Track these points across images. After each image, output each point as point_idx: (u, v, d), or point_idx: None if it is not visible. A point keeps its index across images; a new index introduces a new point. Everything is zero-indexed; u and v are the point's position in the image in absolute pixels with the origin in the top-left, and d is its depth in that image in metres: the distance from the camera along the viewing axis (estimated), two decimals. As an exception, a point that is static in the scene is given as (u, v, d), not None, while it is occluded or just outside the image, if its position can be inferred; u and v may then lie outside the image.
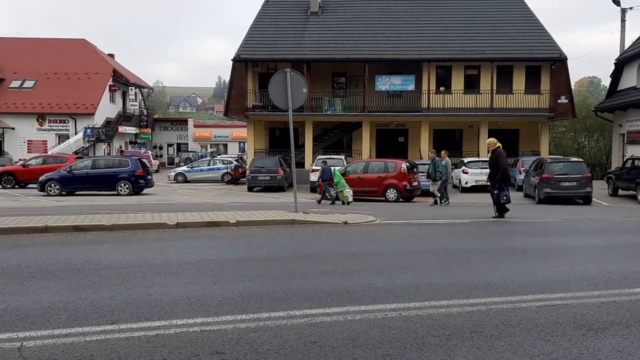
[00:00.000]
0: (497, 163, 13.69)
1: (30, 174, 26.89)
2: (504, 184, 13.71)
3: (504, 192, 13.60)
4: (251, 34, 33.39)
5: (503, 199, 13.59)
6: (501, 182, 13.65)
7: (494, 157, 13.82)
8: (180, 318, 5.19)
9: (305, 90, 13.58)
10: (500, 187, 13.62)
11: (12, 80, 45.53)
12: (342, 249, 9.28)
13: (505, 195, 13.60)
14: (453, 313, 5.41)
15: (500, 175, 13.64)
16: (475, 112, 31.18)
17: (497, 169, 13.66)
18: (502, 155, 13.85)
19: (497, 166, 13.67)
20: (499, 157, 13.76)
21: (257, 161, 28.31)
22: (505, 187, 13.71)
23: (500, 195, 13.58)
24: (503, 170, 13.70)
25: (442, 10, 34.86)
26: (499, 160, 13.71)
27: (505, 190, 13.67)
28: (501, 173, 13.65)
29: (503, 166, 13.72)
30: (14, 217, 12.42)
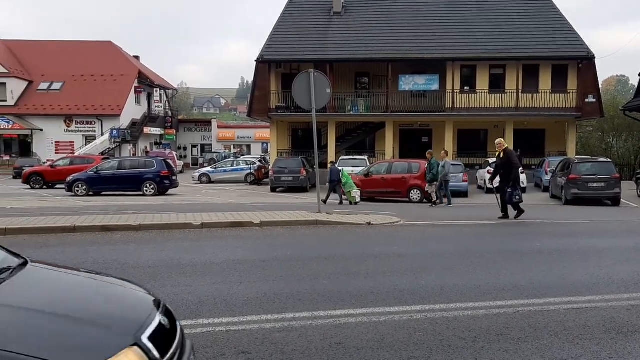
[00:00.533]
0: (510, 162, 13.54)
1: (58, 174, 27.35)
2: (517, 183, 13.55)
3: (517, 192, 13.41)
4: (274, 35, 33.52)
5: (516, 198, 13.38)
6: (515, 181, 13.48)
7: (506, 157, 13.66)
8: (206, 317, 5.24)
9: (329, 90, 13.56)
10: (514, 186, 13.44)
11: (40, 83, 46.43)
12: (366, 250, 9.25)
13: (518, 195, 13.41)
14: (479, 315, 5.35)
15: (515, 175, 13.50)
16: (500, 112, 30.81)
17: (511, 168, 13.52)
18: (514, 155, 13.89)
19: (511, 165, 13.53)
20: (512, 157, 13.69)
21: (280, 162, 28.39)
22: (518, 186, 13.57)
23: (513, 194, 13.38)
24: (517, 169, 13.63)
25: (467, 9, 34.54)
26: (513, 160, 13.61)
27: (518, 189, 13.49)
28: (514, 173, 13.51)
29: (517, 166, 13.67)
30: (43, 217, 12.66)
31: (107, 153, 41.18)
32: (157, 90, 52.73)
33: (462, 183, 23.96)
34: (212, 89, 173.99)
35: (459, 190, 23.77)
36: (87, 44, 50.60)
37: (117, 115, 44.49)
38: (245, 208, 16.34)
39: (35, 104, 44.82)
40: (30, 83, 46.33)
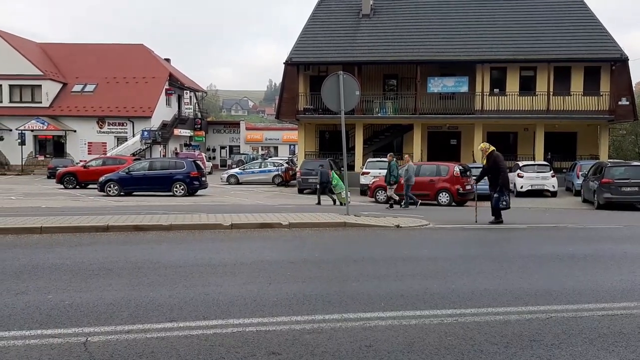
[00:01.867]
0: (497, 167, 13.19)
1: (90, 174, 27.92)
2: (505, 188, 13.23)
3: (504, 197, 13.08)
4: (303, 37, 33.66)
5: (502, 204, 13.09)
6: (503, 186, 13.17)
7: (492, 161, 13.29)
8: (236, 318, 5.28)
9: (358, 92, 13.58)
10: (501, 191, 13.14)
11: (74, 85, 47.49)
12: (395, 252, 9.22)
13: (505, 201, 13.08)
14: (511, 320, 5.29)
15: (502, 179, 13.17)
16: (530, 115, 30.40)
17: (498, 172, 13.19)
18: (500, 159, 13.41)
19: (498, 170, 13.18)
20: (498, 161, 13.27)
21: (308, 164, 28.45)
22: (506, 191, 13.21)
23: (500, 199, 13.09)
24: (504, 173, 13.25)
25: (497, 11, 34.17)
26: (500, 164, 13.22)
27: (505, 195, 13.15)
28: (502, 177, 13.16)
29: (504, 170, 13.26)
30: (77, 216, 12.95)
31: (138, 154, 41.87)
32: (187, 92, 53.42)
33: (491, 186, 23.67)
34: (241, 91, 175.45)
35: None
36: (119, 47, 51.55)
37: (148, 117, 45.22)
38: (273, 209, 16.46)
39: (69, 106, 45.84)
40: (65, 85, 47.40)
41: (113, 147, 44.72)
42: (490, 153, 13.36)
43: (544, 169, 25.83)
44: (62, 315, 5.30)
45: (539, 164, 26.84)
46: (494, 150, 13.48)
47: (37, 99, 45.66)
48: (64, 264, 7.82)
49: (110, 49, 50.82)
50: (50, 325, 5.02)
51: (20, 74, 44.86)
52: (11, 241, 9.87)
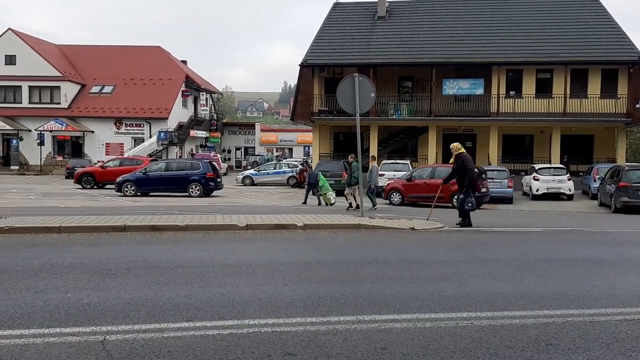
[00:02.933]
0: (464, 168, 13.06)
1: (108, 175, 28.23)
2: (471, 189, 13.09)
3: (470, 199, 12.95)
4: (318, 39, 33.72)
5: (468, 205, 12.96)
6: (469, 187, 13.04)
7: (461, 162, 13.16)
8: (252, 318, 5.31)
9: (373, 94, 13.59)
10: (467, 192, 13.01)
11: (92, 86, 48.06)
12: (410, 255, 9.21)
13: (471, 202, 12.96)
14: (527, 324, 5.27)
15: (469, 180, 13.03)
16: (547, 117, 30.15)
17: (465, 173, 13.07)
18: (468, 160, 13.23)
19: (465, 171, 13.06)
20: (466, 162, 13.11)
21: (322, 165, 28.48)
22: (472, 193, 13.08)
23: (465, 200, 12.98)
24: (471, 175, 13.08)
25: (513, 13, 33.97)
26: (467, 166, 13.06)
27: (471, 196, 13.02)
28: (469, 178, 13.03)
29: (471, 171, 13.07)
30: (94, 216, 13.10)
31: (154, 155, 42.22)
32: (203, 93, 53.79)
33: (507, 189, 23.57)
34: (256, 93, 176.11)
35: (504, 196, 23.41)
36: (137, 49, 52.08)
37: (165, 118, 45.59)
38: (287, 210, 16.52)
39: (87, 107, 46.39)
40: (83, 86, 47.97)
41: (130, 147, 45.16)
42: (459, 154, 13.27)
43: (560, 172, 25.61)
44: (81, 314, 5.38)
45: (555, 167, 26.62)
46: (463, 151, 13.37)
47: (56, 100, 46.26)
48: (82, 263, 7.93)
49: (128, 51, 51.34)
50: (69, 323, 5.09)
51: (39, 76, 45.49)
52: (30, 240, 10.03)
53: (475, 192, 13.26)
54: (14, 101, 45.97)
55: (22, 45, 45.74)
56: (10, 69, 43.07)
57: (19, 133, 45.23)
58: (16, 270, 7.40)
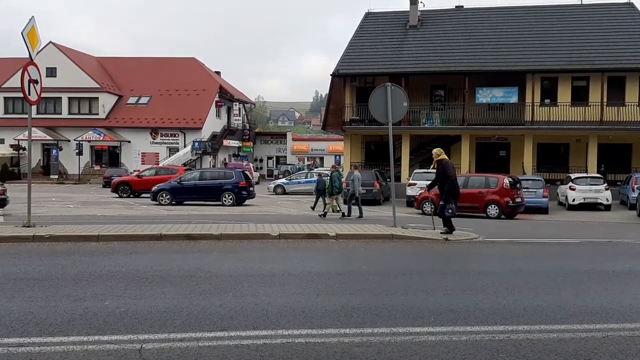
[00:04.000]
0: (444, 174, 12.81)
1: (144, 184, 28.76)
2: (451, 196, 12.79)
3: (450, 205, 12.68)
4: (350, 49, 33.81)
5: (448, 212, 12.68)
6: (449, 194, 12.76)
7: (441, 168, 12.91)
8: (285, 328, 5.32)
9: (406, 104, 13.57)
10: (446, 198, 12.74)
11: (129, 97, 49.14)
12: (444, 266, 9.12)
13: (451, 209, 12.68)
14: (565, 338, 5.16)
15: (449, 187, 12.76)
16: (583, 126, 29.51)
17: (445, 180, 12.81)
18: (449, 166, 12.96)
19: (445, 177, 12.80)
20: (447, 168, 12.85)
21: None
22: (452, 199, 12.78)
23: (445, 207, 12.70)
24: (451, 181, 12.79)
25: (547, 20, 33.46)
26: (447, 172, 12.80)
27: (452, 202, 12.73)
28: (449, 184, 12.75)
29: (451, 177, 12.81)
30: (131, 225, 13.37)
31: (189, 164, 42.85)
32: (236, 104, 54.43)
33: (543, 199, 23.13)
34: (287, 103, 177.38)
35: (539, 206, 22.99)
36: (172, 60, 53.11)
37: (199, 128, 46.27)
38: (319, 220, 16.53)
39: (124, 117, 47.43)
40: (120, 97, 49.10)
41: (165, 157, 45.92)
42: (439, 160, 13.04)
43: (597, 182, 25.01)
44: (118, 322, 5.48)
45: (592, 176, 26.01)
46: (444, 157, 13.13)
47: (94, 110, 47.45)
48: (119, 271, 8.09)
49: (164, 62, 52.37)
50: (107, 331, 5.19)
51: (78, 87, 46.75)
52: (70, 248, 10.28)
53: (456, 198, 12.97)
54: (54, 112, 47.31)
55: (62, 57, 47.10)
56: (51, 81, 44.23)
57: (59, 143, 46.49)
58: (56, 278, 7.59)
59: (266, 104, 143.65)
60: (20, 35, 12.40)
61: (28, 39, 12.37)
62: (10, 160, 47.29)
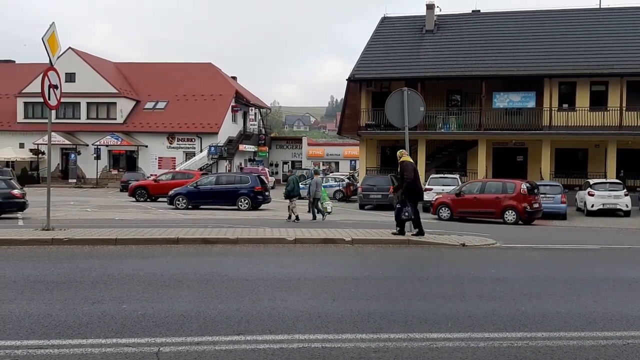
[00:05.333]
0: (402, 176, 12.62)
1: (160, 188, 28.97)
2: (408, 199, 12.55)
3: (407, 208, 12.43)
4: (366, 53, 33.81)
5: (405, 215, 12.45)
6: (405, 196, 12.55)
7: (401, 170, 12.70)
8: (302, 333, 5.32)
9: (423, 108, 13.51)
10: (403, 201, 12.53)
11: (146, 102, 49.60)
12: (461, 272, 9.04)
13: (407, 212, 12.42)
14: (585, 346, 5.08)
15: (404, 189, 12.55)
16: (602, 131, 29.16)
17: (402, 182, 12.62)
18: (408, 168, 12.66)
19: (402, 179, 12.60)
20: (406, 170, 12.58)
21: (369, 179, 28.39)
22: (409, 202, 12.52)
23: (402, 210, 12.48)
24: (407, 183, 12.50)
25: (565, 24, 33.18)
26: (404, 174, 12.56)
27: (409, 206, 12.47)
28: (405, 187, 12.51)
29: (408, 179, 12.50)
30: (149, 228, 13.47)
31: (205, 169, 43.09)
32: (252, 109, 54.69)
33: (561, 205, 22.88)
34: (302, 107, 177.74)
35: (557, 212, 22.75)
36: (189, 66, 53.54)
37: (215, 133, 46.56)
38: (335, 225, 16.50)
39: (141, 122, 47.87)
40: (138, 102, 49.58)
41: (182, 161, 46.23)
42: (401, 162, 12.84)
43: (617, 187, 24.68)
44: (136, 325, 5.51)
45: (611, 181, 25.67)
46: (406, 159, 12.88)
47: (112, 115, 47.97)
48: (137, 274, 8.15)
49: (181, 68, 52.81)
50: (125, 334, 5.22)
51: (97, 92, 47.31)
52: (88, 252, 10.38)
53: (413, 201, 12.73)
54: (72, 117, 47.88)
55: (81, 63, 47.72)
56: (70, 86, 44.79)
57: (77, 147, 47.04)
58: (75, 281, 7.67)
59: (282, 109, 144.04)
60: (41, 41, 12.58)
61: (48, 44, 12.54)
62: (30, 165, 47.97)
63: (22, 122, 48.29)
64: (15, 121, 48.50)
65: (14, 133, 47.91)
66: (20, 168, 45.75)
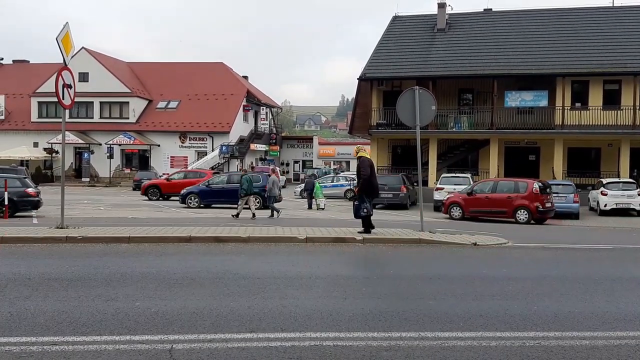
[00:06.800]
0: (358, 173, 12.53)
1: (173, 187, 29.16)
2: (365, 195, 12.46)
3: (365, 204, 12.35)
4: (377, 52, 33.77)
5: (363, 211, 12.37)
6: (362, 193, 12.44)
7: (358, 167, 12.59)
8: (313, 331, 5.34)
9: (434, 107, 13.48)
10: (361, 198, 12.43)
11: (158, 102, 49.92)
12: (473, 271, 9.02)
13: (366, 208, 12.35)
14: (598, 346, 5.06)
15: (360, 186, 12.45)
16: (615, 130, 28.91)
17: (359, 179, 12.54)
18: (364, 164, 12.54)
19: (359, 176, 12.52)
20: (362, 166, 12.48)
21: (380, 178, 28.16)
22: (367, 198, 12.44)
23: (360, 207, 12.39)
24: (364, 180, 12.40)
25: (578, 22, 32.93)
26: (361, 170, 12.47)
27: (367, 202, 12.40)
28: (362, 183, 12.42)
29: (364, 175, 12.40)
30: (161, 227, 13.58)
31: (216, 168, 43.27)
32: (263, 108, 54.83)
33: (573, 204, 22.73)
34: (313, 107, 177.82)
35: (569, 211, 22.61)
36: (201, 65, 53.79)
37: (227, 132, 46.74)
38: (346, 224, 16.48)
39: (154, 121, 48.18)
40: (150, 102, 49.89)
41: (194, 160, 46.46)
42: (358, 157, 12.74)
43: (630, 187, 24.47)
44: (149, 322, 5.57)
45: (624, 181, 25.45)
46: (363, 155, 12.79)
47: (125, 115, 48.31)
48: (150, 272, 8.22)
49: (193, 67, 53.07)
50: (138, 331, 5.27)
51: (110, 92, 47.66)
52: (102, 250, 10.48)
53: (370, 197, 12.68)
54: (86, 116, 48.28)
55: (94, 63, 48.09)
56: (84, 85, 45.18)
57: (90, 146, 47.43)
58: (89, 278, 7.74)
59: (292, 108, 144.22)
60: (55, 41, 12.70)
61: (62, 44, 12.65)
62: (44, 164, 48.45)
63: (36, 121, 48.78)
64: (30, 120, 49.00)
65: (28, 132, 48.41)
66: (34, 167, 46.23)
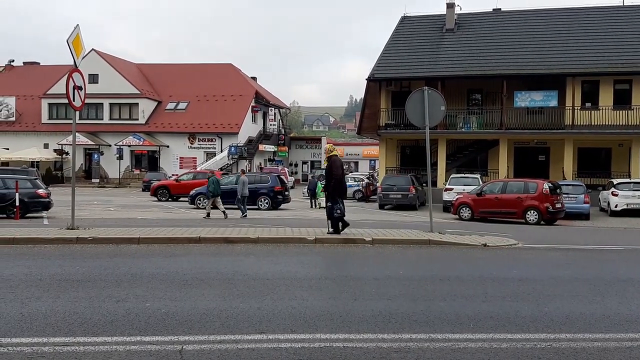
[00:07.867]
0: (329, 172, 12.37)
1: (182, 188, 29.25)
2: (337, 195, 12.34)
3: (337, 205, 12.24)
4: (385, 53, 33.71)
5: (337, 212, 12.25)
6: (334, 193, 12.31)
7: (328, 166, 12.44)
8: (323, 332, 5.33)
9: (443, 108, 13.45)
10: (333, 199, 12.30)
11: (168, 103, 50.08)
12: (483, 272, 8.98)
13: (339, 209, 12.23)
14: (609, 347, 5.03)
15: (332, 186, 12.31)
16: (626, 130, 28.69)
17: (330, 179, 12.38)
18: (336, 164, 12.42)
19: (330, 176, 12.36)
20: (333, 167, 12.34)
21: (389, 179, 28.29)
22: (339, 199, 12.33)
23: (333, 208, 12.27)
24: (336, 180, 12.28)
25: (588, 22, 32.69)
26: (332, 170, 12.32)
27: (339, 202, 12.29)
28: (334, 183, 12.28)
29: (337, 176, 12.29)
30: (171, 228, 13.62)
31: (225, 168, 43.35)
32: (272, 109, 54.89)
33: (583, 205, 22.58)
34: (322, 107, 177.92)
35: (580, 212, 22.47)
36: (210, 67, 53.91)
37: (235, 133, 46.83)
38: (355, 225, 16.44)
39: (163, 122, 48.36)
40: (159, 103, 50.08)
41: (202, 161, 46.57)
42: (329, 157, 12.60)
43: None
44: (159, 323, 5.58)
45: (635, 181, 25.23)
46: (334, 154, 12.67)
47: (134, 116, 48.51)
48: (160, 273, 8.25)
49: (201, 69, 53.20)
50: (149, 332, 5.29)
51: (119, 93, 47.89)
52: (112, 250, 10.53)
53: (342, 197, 12.58)
54: (95, 117, 48.54)
55: (104, 64, 48.35)
56: (93, 87, 45.46)
57: (100, 148, 47.69)
58: (99, 279, 7.78)
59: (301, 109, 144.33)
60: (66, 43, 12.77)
61: (73, 46, 12.73)
62: (54, 165, 48.75)
63: (46, 122, 49.11)
64: (40, 122, 49.34)
65: (38, 134, 48.75)
66: (44, 168, 46.50)
